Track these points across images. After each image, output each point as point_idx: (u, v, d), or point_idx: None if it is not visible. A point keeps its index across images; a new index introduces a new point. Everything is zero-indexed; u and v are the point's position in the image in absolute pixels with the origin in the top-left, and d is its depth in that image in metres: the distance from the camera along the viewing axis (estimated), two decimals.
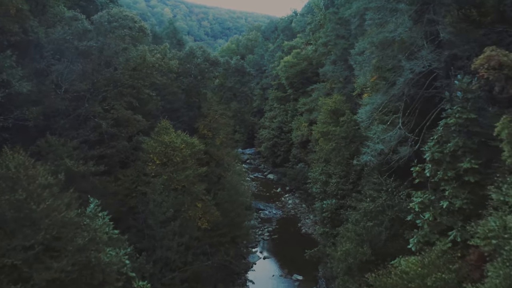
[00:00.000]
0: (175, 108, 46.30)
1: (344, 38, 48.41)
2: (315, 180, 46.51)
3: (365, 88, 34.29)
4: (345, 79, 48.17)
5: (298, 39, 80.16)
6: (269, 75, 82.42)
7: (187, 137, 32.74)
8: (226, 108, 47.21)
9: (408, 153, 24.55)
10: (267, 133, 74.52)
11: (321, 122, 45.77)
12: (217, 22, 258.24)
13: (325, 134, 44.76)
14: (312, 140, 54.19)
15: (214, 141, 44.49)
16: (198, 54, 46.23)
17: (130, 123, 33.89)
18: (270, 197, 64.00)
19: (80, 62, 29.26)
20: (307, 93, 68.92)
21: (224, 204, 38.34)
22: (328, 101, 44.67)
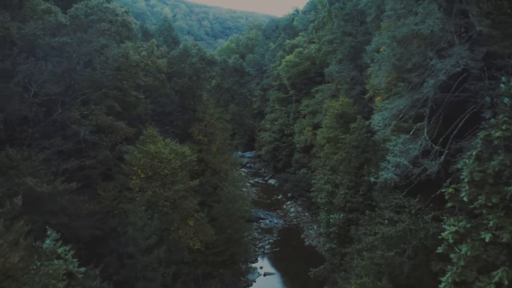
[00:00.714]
0: (168, 112, 42.13)
1: (351, 35, 44.17)
2: (319, 189, 42.30)
3: (378, 91, 29.98)
4: (352, 79, 43.95)
5: (300, 38, 75.90)
6: (270, 75, 78.12)
7: (177, 146, 28.52)
8: (224, 111, 42.94)
9: (436, 169, 20.28)
10: (268, 136, 70.29)
11: (327, 126, 41.57)
12: (218, 21, 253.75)
13: (331, 139, 40.58)
14: (316, 145, 49.95)
15: (210, 147, 40.31)
16: (192, 53, 42.00)
17: (113, 129, 29.71)
18: (271, 205, 59.78)
19: (52, 61, 25.02)
20: (310, 94, 64.72)
21: (220, 219, 34.17)
22: (334, 104, 40.45)
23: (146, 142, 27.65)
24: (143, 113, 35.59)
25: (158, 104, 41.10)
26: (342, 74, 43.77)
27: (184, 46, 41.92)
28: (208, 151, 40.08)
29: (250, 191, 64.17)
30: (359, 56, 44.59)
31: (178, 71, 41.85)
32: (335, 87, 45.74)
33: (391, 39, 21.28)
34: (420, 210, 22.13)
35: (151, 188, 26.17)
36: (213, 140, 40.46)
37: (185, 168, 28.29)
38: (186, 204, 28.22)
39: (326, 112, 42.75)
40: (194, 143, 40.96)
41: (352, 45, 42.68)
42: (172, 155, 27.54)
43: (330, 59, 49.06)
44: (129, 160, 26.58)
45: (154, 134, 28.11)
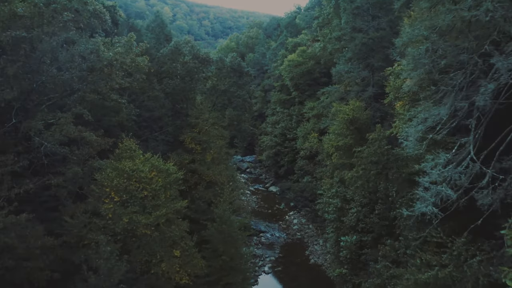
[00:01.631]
0: (157, 117, 37.08)
1: (362, 32, 38.98)
2: (327, 203, 37.23)
3: (402, 95, 24.83)
4: (363, 80, 38.80)
5: (303, 36, 70.72)
6: (271, 76, 72.95)
7: (159, 162, 23.40)
8: (220, 116, 37.82)
9: (490, 201, 15.19)
10: (269, 140, 65.20)
11: (335, 133, 36.48)
12: (218, 21, 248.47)
13: (340, 148, 35.49)
14: (321, 152, 44.84)
15: (204, 157, 35.23)
16: (185, 51, 36.90)
17: (87, 141, 24.68)
18: (273, 215, 54.71)
19: (2, 60, 20.02)
20: (314, 96, 59.58)
21: (214, 242, 29.12)
22: (344, 108, 35.33)
23: (122, 157, 22.57)
24: (125, 119, 30.54)
25: (145, 108, 36.09)
26: (352, 74, 38.63)
27: (175, 43, 36.86)
28: (201, 162, 35.04)
29: (250, 200, 59.18)
30: (371, 54, 39.53)
31: (168, 71, 36.78)
32: (344, 89, 40.62)
33: (430, 29, 16.15)
34: (466, 251, 17.00)
35: (126, 215, 21.08)
36: (207, 148, 35.39)
37: (169, 188, 23.15)
38: (171, 231, 23.14)
39: (334, 117, 37.64)
40: (186, 152, 35.94)
41: (364, 42, 37.52)
42: (153, 172, 22.46)
43: (338, 58, 43.92)
44: (100, 180, 21.50)
45: (132, 148, 23.03)
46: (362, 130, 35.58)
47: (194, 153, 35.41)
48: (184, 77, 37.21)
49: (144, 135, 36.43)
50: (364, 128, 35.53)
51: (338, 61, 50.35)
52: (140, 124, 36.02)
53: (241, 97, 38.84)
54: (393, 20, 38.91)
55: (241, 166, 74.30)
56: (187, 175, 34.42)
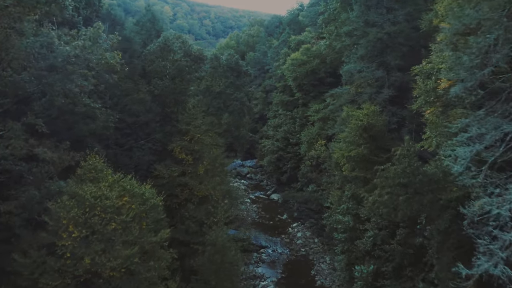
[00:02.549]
0: (143, 122, 32.23)
1: (376, 26, 34.02)
2: (336, 221, 32.38)
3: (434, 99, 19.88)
4: (377, 81, 33.82)
5: (306, 33, 65.70)
6: (272, 76, 67.86)
7: (132, 185, 18.48)
8: (215, 121, 32.91)
9: None
10: (271, 144, 60.12)
11: (347, 141, 31.54)
12: (219, 21, 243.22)
13: (352, 159, 30.57)
14: (329, 160, 39.88)
15: (196, 168, 30.34)
16: (174, 48, 31.99)
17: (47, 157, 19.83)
18: (275, 227, 49.78)
19: None
20: (319, 97, 54.58)
21: (205, 273, 24.27)
22: (357, 113, 30.42)
23: (85, 180, 17.68)
24: (101, 127, 25.66)
25: (129, 113, 31.24)
26: (364, 74, 33.65)
27: (164, 38, 31.98)
28: (193, 174, 30.19)
29: (249, 209, 54.29)
30: (386, 51, 34.58)
31: (156, 71, 31.90)
32: (355, 91, 35.62)
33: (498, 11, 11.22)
34: None
35: (88, 255, 16.20)
36: (200, 159, 30.52)
37: (146, 217, 18.25)
38: (149, 270, 18.24)
39: (345, 122, 32.73)
40: (176, 163, 31.09)
41: (379, 37, 32.56)
42: (124, 198, 17.57)
43: (348, 55, 38.91)
44: (55, 210, 16.61)
45: (98, 167, 18.09)
46: (377, 139, 30.70)
47: (184, 165, 30.57)
48: (175, 77, 32.33)
49: (128, 143, 31.63)
50: (380, 136, 30.63)
51: (348, 59, 45.40)
52: (122, 131, 31.21)
53: (238, 100, 33.92)
54: (411, 12, 33.98)
55: (241, 171, 69.38)
56: (176, 189, 29.62)
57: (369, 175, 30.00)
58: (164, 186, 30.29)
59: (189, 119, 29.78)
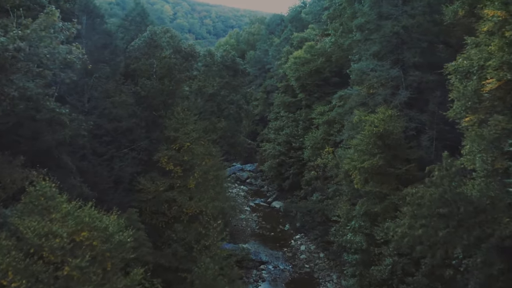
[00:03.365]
0: (127, 128, 27.99)
1: (392, 19, 29.70)
2: (347, 241, 28.15)
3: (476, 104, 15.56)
4: (391, 80, 29.45)
5: (310, 30, 61.30)
6: (274, 75, 63.47)
7: (93, 216, 14.13)
8: (209, 127, 28.63)
9: None
10: (272, 148, 55.74)
11: (359, 150, 27.24)
12: (220, 20, 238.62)
13: (365, 171, 26.29)
14: (336, 167, 35.52)
15: (186, 181, 26.07)
16: (162, 43, 27.72)
17: None
18: (276, 239, 45.51)
19: None
20: (323, 98, 50.34)
21: None
22: (371, 118, 26.11)
23: (32, 210, 13.41)
24: (70, 135, 21.41)
25: (109, 117, 27.00)
26: (379, 73, 29.29)
27: (150, 32, 27.71)
28: (183, 188, 25.93)
29: (249, 219, 50.05)
30: (402, 48, 30.30)
31: (141, 69, 27.65)
32: (366, 92, 31.24)
33: None
34: None
35: None
36: (191, 170, 26.26)
37: (110, 257, 13.95)
38: None
39: (356, 128, 28.46)
40: (164, 175, 26.85)
41: (395, 31, 28.24)
42: (83, 233, 13.28)
43: (359, 52, 34.55)
44: None
45: (48, 194, 13.79)
46: (395, 148, 26.40)
47: (173, 177, 26.29)
48: (163, 76, 28.07)
49: (108, 152, 27.33)
50: (398, 145, 26.32)
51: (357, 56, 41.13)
52: (101, 138, 26.94)
53: (235, 103, 29.59)
54: (431, 3, 29.64)
55: (241, 176, 65.08)
56: (163, 206, 25.35)
57: (386, 189, 25.79)
58: (149, 202, 26.19)
59: (177, 125, 25.53)
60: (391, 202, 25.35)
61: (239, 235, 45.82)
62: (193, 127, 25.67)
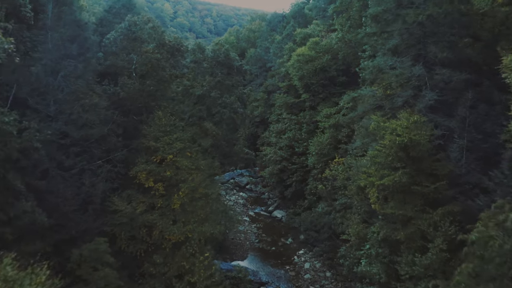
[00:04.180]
0: (100, 137, 23.35)
1: (413, 7, 24.88)
2: (364, 273, 23.46)
3: None
4: (416, 79, 24.62)
5: (314, 26, 56.49)
6: (275, 74, 58.66)
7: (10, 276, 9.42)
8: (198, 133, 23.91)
9: None
10: (273, 153, 50.89)
11: (376, 162, 22.48)
12: (221, 19, 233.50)
13: (385, 188, 21.59)
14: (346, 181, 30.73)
15: (169, 201, 21.39)
16: (143, 35, 23.03)
17: None
18: (277, 255, 40.80)
19: None
20: (329, 99, 45.68)
21: None
22: (393, 125, 21.36)
23: None
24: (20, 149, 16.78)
25: (78, 123, 22.37)
26: (399, 71, 24.47)
27: (129, 22, 23.02)
28: (165, 209, 21.24)
29: (248, 231, 45.38)
30: (426, 42, 25.48)
31: (116, 66, 22.96)
32: (383, 93, 26.43)
33: None
34: None
35: None
36: (175, 187, 21.57)
37: None
38: None
39: (374, 136, 23.73)
40: (144, 192, 22.19)
41: (420, 20, 23.45)
42: None
43: (373, 47, 29.77)
44: None
45: None
46: (420, 161, 21.66)
47: (154, 196, 21.59)
48: (144, 75, 23.35)
49: (77, 165, 22.69)
50: (426, 158, 21.57)
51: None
52: (68, 149, 22.29)
53: (228, 106, 24.86)
54: None
55: (240, 181, 60.34)
56: (141, 231, 20.68)
57: (411, 212, 21.06)
58: (125, 226, 21.48)
59: (158, 133, 20.82)
60: (417, 227, 20.63)
61: (236, 250, 41.22)
62: (178, 136, 20.94)
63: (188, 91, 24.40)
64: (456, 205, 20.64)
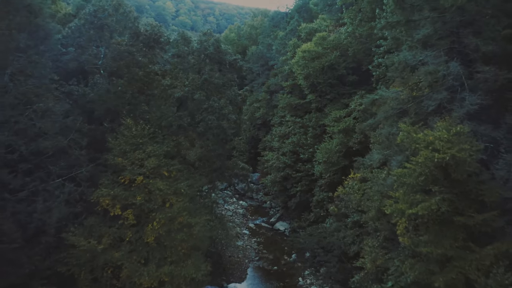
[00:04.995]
0: (59, 149, 18.52)
1: None
2: None
3: None
4: (455, 77, 19.54)
5: (320, 21, 51.39)
6: (278, 73, 53.61)
7: None
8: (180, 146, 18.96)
9: None
10: (275, 159, 45.98)
11: (405, 184, 17.52)
12: (224, 18, 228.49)
13: (419, 218, 16.62)
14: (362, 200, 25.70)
15: (141, 234, 16.52)
16: (112, 24, 18.12)
17: None
18: (280, 275, 35.84)
19: None
20: (338, 100, 40.70)
21: None
22: (429, 137, 16.39)
23: None
24: None
25: (28, 134, 17.55)
26: (431, 67, 19.42)
27: (94, 7, 18.06)
28: (137, 244, 16.35)
29: (247, 247, 40.47)
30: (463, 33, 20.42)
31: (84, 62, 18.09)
32: (408, 94, 21.38)
33: None
34: None
35: None
36: (149, 216, 16.67)
37: None
38: None
39: (403, 150, 18.75)
40: (112, 219, 17.33)
41: (459, 4, 18.39)
42: None
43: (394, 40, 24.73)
44: None
45: None
46: (465, 183, 16.67)
47: (123, 226, 16.73)
48: (113, 72, 18.46)
49: (27, 186, 17.84)
50: (470, 179, 16.59)
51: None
52: (15, 166, 17.47)
53: (216, 112, 19.85)
54: None
55: (240, 188, 55.47)
56: (103, 273, 15.82)
57: (451, 250, 16.13)
58: (85, 266, 16.62)
59: (126, 147, 15.93)
60: (460, 271, 15.67)
61: (234, 270, 36.33)
62: (152, 150, 16.08)
63: (166, 92, 19.42)
64: None
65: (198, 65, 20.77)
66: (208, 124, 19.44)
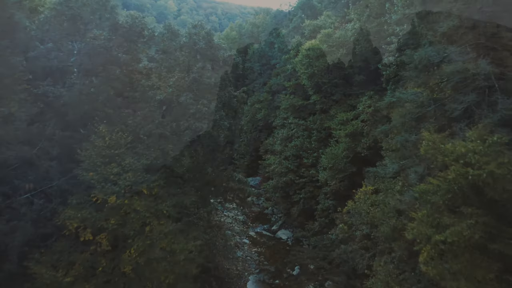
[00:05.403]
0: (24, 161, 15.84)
1: None
2: None
3: None
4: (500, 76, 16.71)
5: (325, 18, 48.59)
6: (281, 72, 50.77)
7: None
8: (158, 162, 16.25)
9: None
10: (277, 163, 43.23)
11: (430, 202, 14.71)
12: (226, 17, 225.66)
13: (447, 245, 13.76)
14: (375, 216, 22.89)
15: (117, 262, 13.74)
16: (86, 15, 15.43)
17: None
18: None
19: None
20: (344, 102, 37.96)
21: None
22: (460, 148, 13.57)
23: None
24: None
25: None
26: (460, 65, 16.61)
27: None
28: (113, 275, 13.65)
29: (247, 258, 37.71)
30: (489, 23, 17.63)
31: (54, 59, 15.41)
32: (430, 96, 18.57)
33: None
34: None
35: None
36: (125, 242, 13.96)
37: None
38: None
39: (425, 161, 15.99)
40: (84, 244, 14.57)
41: None
42: None
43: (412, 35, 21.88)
44: None
45: None
46: (502, 205, 13.88)
47: (96, 252, 14.03)
48: (89, 71, 15.75)
49: None
50: (510, 201, 13.79)
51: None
52: None
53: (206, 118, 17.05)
54: None
55: None
56: None
57: (485, 286, 13.36)
58: None
59: (98, 159, 13.23)
60: None
61: (232, 284, 33.63)
62: (129, 163, 13.40)
63: (146, 94, 16.66)
64: None
65: (187, 62, 18.05)
66: (196, 132, 16.69)
